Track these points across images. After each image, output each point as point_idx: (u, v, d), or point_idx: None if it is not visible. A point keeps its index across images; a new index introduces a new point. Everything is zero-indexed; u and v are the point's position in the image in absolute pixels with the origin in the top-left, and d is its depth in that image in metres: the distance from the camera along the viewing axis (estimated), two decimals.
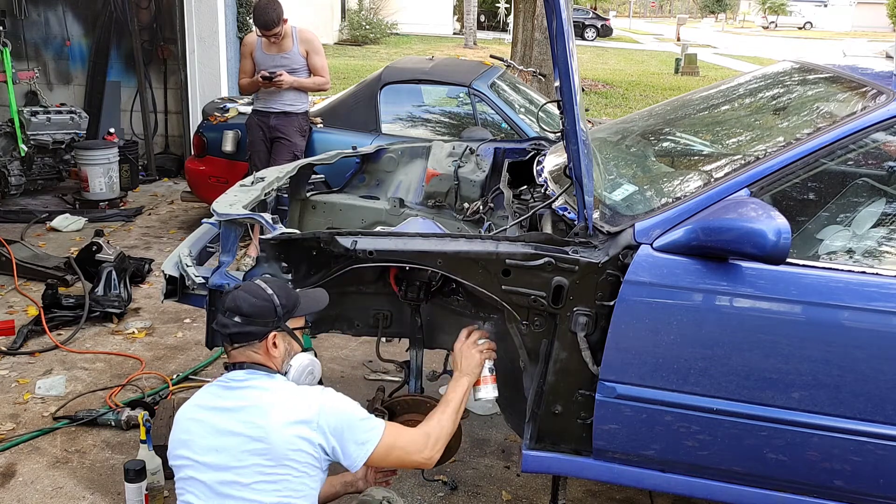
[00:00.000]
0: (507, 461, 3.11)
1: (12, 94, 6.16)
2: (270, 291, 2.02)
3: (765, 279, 2.04)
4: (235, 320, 1.97)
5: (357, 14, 26.30)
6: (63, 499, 2.80)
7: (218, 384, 2.00)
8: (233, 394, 1.95)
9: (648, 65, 22.46)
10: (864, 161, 2.53)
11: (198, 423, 1.94)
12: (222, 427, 1.90)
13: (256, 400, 1.91)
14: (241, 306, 1.97)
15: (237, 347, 2.00)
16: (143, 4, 7.21)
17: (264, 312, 1.99)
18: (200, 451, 1.90)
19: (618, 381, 2.15)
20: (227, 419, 1.90)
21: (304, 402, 1.91)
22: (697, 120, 3.11)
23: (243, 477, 1.86)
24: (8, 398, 3.42)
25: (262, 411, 1.88)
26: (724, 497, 2.26)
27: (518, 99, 5.45)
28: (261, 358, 2.00)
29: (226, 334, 2.00)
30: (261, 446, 1.85)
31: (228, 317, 1.98)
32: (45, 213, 5.94)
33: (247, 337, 1.99)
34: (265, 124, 4.90)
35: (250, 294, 2.00)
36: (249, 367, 1.99)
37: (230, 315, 1.98)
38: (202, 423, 1.93)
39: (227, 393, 1.96)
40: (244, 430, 1.87)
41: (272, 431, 1.86)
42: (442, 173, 3.33)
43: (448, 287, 2.53)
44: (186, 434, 1.95)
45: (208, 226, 2.89)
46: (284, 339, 2.04)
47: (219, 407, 1.94)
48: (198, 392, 2.04)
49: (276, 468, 1.86)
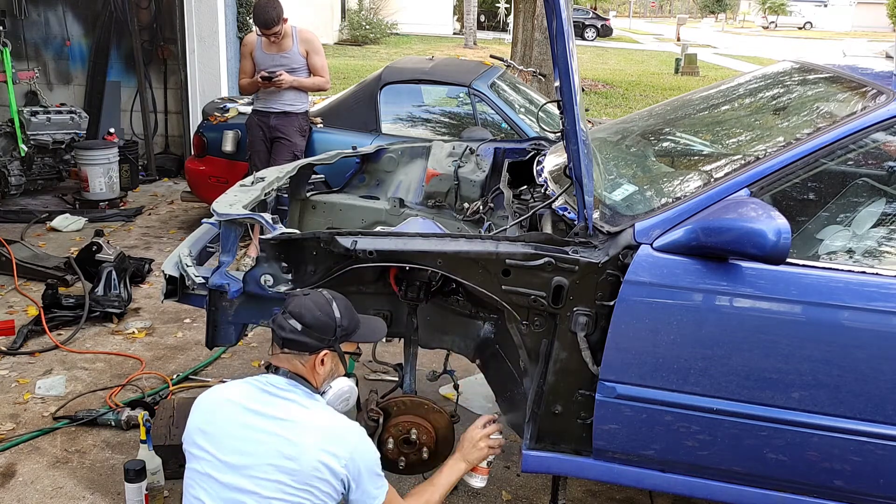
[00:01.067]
0: (507, 461, 3.11)
1: (12, 94, 6.16)
2: (336, 309, 1.99)
3: (765, 279, 2.04)
4: (294, 326, 1.93)
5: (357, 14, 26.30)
6: (63, 499, 2.80)
7: (255, 384, 1.94)
8: (272, 400, 1.90)
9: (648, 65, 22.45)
10: (864, 161, 2.53)
11: (226, 418, 1.89)
12: (254, 432, 1.85)
13: (296, 416, 1.87)
14: (304, 315, 1.94)
15: (286, 353, 1.96)
16: (143, 4, 7.21)
17: (324, 328, 1.96)
18: (225, 450, 1.85)
19: (618, 381, 2.15)
20: (262, 425, 1.85)
21: (343, 436, 1.88)
22: (697, 120, 3.11)
23: (264, 489, 1.80)
24: (8, 398, 3.42)
25: (300, 430, 1.84)
26: (724, 497, 2.26)
27: (518, 99, 5.45)
28: (304, 370, 1.97)
29: (280, 336, 1.95)
30: (290, 465, 1.81)
31: (287, 320, 1.94)
32: (45, 213, 5.94)
33: (300, 346, 1.95)
34: (265, 124, 4.90)
35: (316, 306, 1.97)
36: (291, 377, 1.95)
37: (290, 319, 1.94)
38: (232, 420, 1.88)
39: (266, 397, 1.90)
40: (277, 444, 1.82)
41: (305, 453, 1.81)
42: (442, 173, 3.33)
43: (448, 287, 2.53)
44: (210, 425, 1.89)
45: (208, 226, 2.89)
46: (333, 359, 2.01)
47: (254, 409, 1.88)
48: (229, 384, 1.99)
49: (299, 491, 1.81)
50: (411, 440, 2.42)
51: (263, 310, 2.54)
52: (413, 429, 2.41)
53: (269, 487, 1.80)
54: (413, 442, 2.42)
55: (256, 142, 4.94)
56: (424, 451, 2.43)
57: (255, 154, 4.93)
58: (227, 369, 3.74)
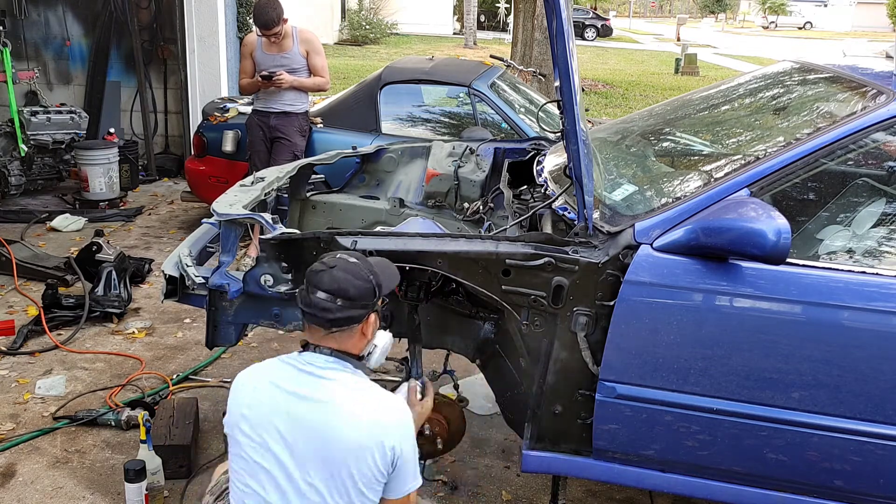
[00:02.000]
0: (507, 461, 3.11)
1: (12, 94, 6.16)
2: (367, 270, 1.86)
3: (765, 279, 2.04)
4: (339, 304, 1.80)
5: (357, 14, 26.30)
6: (63, 499, 2.80)
7: (293, 364, 1.84)
8: (315, 383, 1.80)
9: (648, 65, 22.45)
10: (864, 161, 2.53)
11: (270, 404, 1.80)
12: (299, 419, 1.77)
13: (340, 399, 1.79)
14: (347, 290, 1.80)
15: (334, 332, 1.83)
16: (143, 4, 7.21)
17: (366, 294, 1.84)
18: (273, 439, 1.77)
19: (618, 381, 2.15)
20: (306, 412, 1.77)
21: (392, 419, 1.81)
22: (697, 120, 3.11)
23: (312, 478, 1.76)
24: (8, 398, 3.42)
25: (346, 415, 1.76)
26: (724, 497, 2.26)
27: (518, 99, 5.44)
28: (352, 343, 1.86)
29: (326, 319, 1.81)
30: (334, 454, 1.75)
31: (330, 301, 1.80)
32: (45, 213, 5.93)
33: (349, 322, 1.82)
34: (265, 124, 4.90)
35: (352, 275, 1.83)
36: (337, 354, 1.84)
37: (332, 299, 1.80)
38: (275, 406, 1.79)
39: (307, 379, 1.81)
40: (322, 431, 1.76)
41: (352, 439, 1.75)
42: (442, 173, 3.33)
43: (448, 287, 2.53)
44: (253, 409, 1.80)
45: (208, 226, 2.89)
46: (376, 317, 1.91)
47: (298, 394, 1.79)
48: (267, 364, 1.89)
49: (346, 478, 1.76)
50: (425, 433, 2.42)
51: (263, 310, 2.55)
52: (425, 423, 2.41)
53: (317, 475, 1.76)
54: (427, 434, 2.43)
55: (256, 142, 4.94)
56: (439, 441, 2.46)
57: (255, 154, 4.93)
58: (227, 369, 3.74)
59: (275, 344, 4.00)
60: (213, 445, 3.13)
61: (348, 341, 1.86)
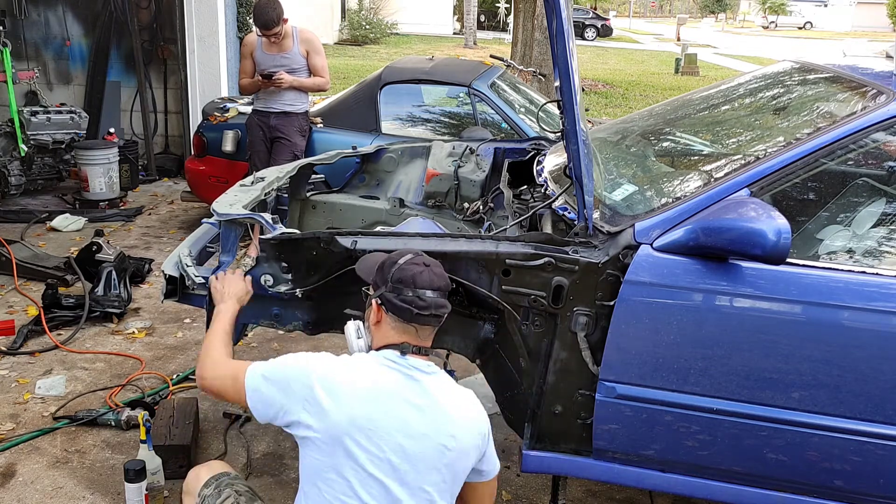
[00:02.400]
0: (507, 461, 3.11)
1: (12, 94, 6.16)
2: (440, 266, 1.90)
3: (765, 279, 2.04)
4: (441, 301, 1.83)
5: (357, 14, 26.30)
6: (63, 499, 2.80)
7: (397, 370, 1.80)
8: (423, 390, 1.79)
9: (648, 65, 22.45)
10: (864, 161, 2.53)
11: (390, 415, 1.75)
12: (419, 431, 1.76)
13: (444, 402, 1.80)
14: (440, 284, 1.84)
15: (433, 329, 1.86)
16: (143, 4, 7.21)
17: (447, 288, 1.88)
18: (391, 451, 1.74)
19: (618, 381, 2.15)
20: (424, 424, 1.77)
21: (482, 412, 1.89)
22: (697, 120, 3.11)
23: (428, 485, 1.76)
24: (8, 398, 3.42)
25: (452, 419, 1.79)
26: (724, 497, 2.26)
27: (518, 99, 5.45)
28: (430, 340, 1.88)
29: (433, 315, 1.82)
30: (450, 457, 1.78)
31: (441, 296, 1.83)
32: (45, 213, 5.93)
33: (442, 317, 1.85)
34: (265, 124, 4.90)
35: (438, 268, 1.87)
36: (428, 352, 1.85)
37: (441, 294, 1.83)
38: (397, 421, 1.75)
39: (416, 387, 1.79)
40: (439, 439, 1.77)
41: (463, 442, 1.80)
42: (442, 173, 3.33)
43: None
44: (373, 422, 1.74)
45: (208, 226, 2.89)
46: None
47: (413, 403, 1.77)
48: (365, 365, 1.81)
49: (454, 485, 1.82)
50: None
51: (263, 310, 2.55)
52: None
53: (430, 481, 1.77)
54: None
55: (256, 142, 4.94)
56: None
57: (255, 154, 4.93)
58: None
59: (275, 344, 4.00)
60: (213, 445, 3.13)
61: (430, 340, 1.89)
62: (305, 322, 2.56)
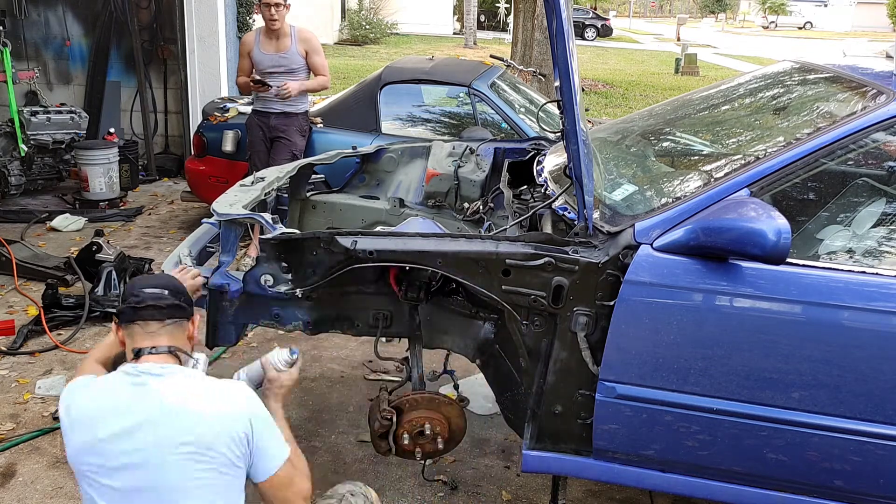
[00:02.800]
0: (507, 461, 3.11)
1: (12, 94, 6.16)
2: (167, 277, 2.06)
3: (765, 279, 2.04)
4: (167, 294, 1.87)
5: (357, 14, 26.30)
6: (63, 499, 2.80)
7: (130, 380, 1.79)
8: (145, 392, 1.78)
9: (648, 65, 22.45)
10: (864, 161, 2.53)
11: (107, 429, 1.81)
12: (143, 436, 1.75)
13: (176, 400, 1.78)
14: (167, 282, 1.91)
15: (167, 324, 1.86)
16: (143, 4, 7.21)
17: (186, 293, 1.98)
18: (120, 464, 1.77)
19: (618, 381, 2.15)
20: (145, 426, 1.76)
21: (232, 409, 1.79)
22: (697, 120, 3.11)
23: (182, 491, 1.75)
24: (8, 398, 3.42)
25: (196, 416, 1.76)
26: (724, 497, 2.26)
27: (518, 99, 5.45)
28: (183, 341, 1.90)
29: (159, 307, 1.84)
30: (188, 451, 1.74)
31: (160, 291, 1.86)
32: (45, 213, 5.94)
33: (181, 313, 1.89)
34: (265, 124, 4.90)
35: (166, 275, 2.12)
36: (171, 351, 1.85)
37: (161, 290, 1.87)
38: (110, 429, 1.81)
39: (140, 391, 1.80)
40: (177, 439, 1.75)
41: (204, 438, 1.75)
42: (442, 173, 3.33)
43: (448, 287, 2.53)
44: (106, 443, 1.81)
45: (208, 226, 2.89)
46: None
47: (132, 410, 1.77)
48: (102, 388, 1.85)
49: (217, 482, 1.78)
50: (425, 433, 2.42)
51: (263, 310, 2.55)
52: (426, 423, 2.41)
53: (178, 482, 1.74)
54: (427, 434, 2.43)
55: (256, 142, 4.94)
56: (440, 440, 2.45)
57: (255, 154, 4.93)
58: (228, 369, 3.74)
59: (274, 344, 4.00)
60: None
61: (180, 339, 1.87)
62: (305, 322, 2.57)
